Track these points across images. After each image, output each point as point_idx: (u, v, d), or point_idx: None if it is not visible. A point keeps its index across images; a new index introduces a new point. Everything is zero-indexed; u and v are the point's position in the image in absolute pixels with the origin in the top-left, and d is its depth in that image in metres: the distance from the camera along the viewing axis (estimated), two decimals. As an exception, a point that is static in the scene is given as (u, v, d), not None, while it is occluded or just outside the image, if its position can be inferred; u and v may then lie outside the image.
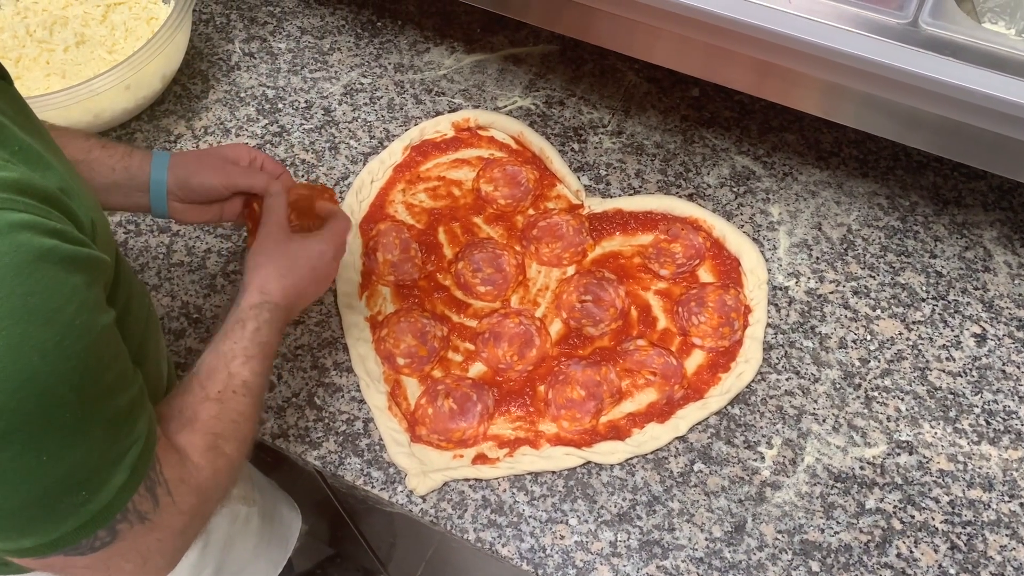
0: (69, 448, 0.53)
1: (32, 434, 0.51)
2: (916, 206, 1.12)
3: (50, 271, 0.50)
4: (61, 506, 0.55)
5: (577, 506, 0.92)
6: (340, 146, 1.19)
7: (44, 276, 0.49)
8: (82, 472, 0.55)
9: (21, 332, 0.48)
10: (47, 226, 0.51)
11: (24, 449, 0.51)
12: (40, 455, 0.52)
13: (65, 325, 0.51)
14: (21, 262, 0.48)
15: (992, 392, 0.97)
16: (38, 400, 0.50)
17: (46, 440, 0.51)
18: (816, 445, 0.95)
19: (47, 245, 0.50)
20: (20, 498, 0.53)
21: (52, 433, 0.51)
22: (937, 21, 0.78)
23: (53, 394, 0.51)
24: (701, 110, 1.21)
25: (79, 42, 1.19)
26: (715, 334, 1.01)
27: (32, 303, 0.49)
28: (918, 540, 0.89)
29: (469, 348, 1.02)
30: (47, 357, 0.50)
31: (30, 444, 0.51)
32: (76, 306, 0.51)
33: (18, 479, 0.52)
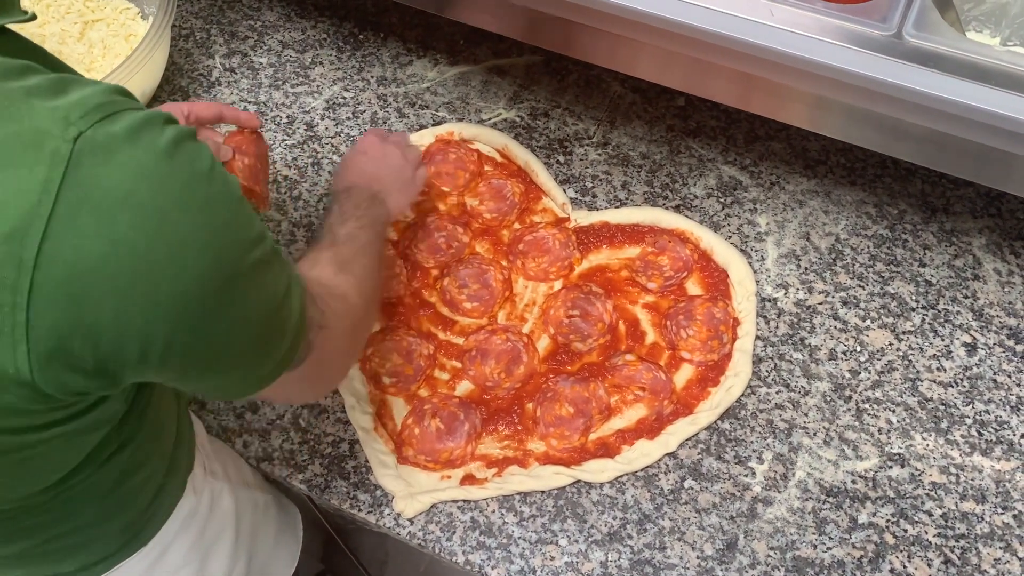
0: (266, 277, 0.60)
1: (243, 274, 0.57)
2: (904, 214, 1.11)
3: (191, 144, 0.55)
4: (277, 327, 0.62)
5: (567, 526, 0.91)
6: (323, 161, 1.18)
7: (190, 147, 0.54)
8: (278, 294, 0.62)
9: (203, 191, 0.54)
10: (166, 114, 0.56)
11: (243, 288, 0.57)
12: (253, 290, 0.58)
13: (222, 180, 0.56)
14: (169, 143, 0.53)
15: (984, 402, 0.97)
16: (236, 245, 0.56)
17: (252, 276, 0.58)
18: (807, 459, 0.94)
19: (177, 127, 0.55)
20: (253, 330, 0.60)
21: (253, 269, 0.58)
22: (921, 33, 0.77)
23: (242, 237, 0.57)
24: (687, 120, 1.20)
25: (56, 60, 1.17)
26: (704, 347, 1.00)
27: (196, 167, 0.54)
28: (911, 555, 0.88)
29: (456, 366, 1.01)
30: (227, 206, 0.56)
31: (245, 283, 0.57)
32: (218, 166, 0.57)
33: (247, 315, 0.58)
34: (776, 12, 0.80)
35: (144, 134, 0.52)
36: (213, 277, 0.55)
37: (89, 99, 0.52)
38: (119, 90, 0.56)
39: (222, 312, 0.57)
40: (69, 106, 0.51)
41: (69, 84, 0.53)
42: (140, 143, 0.52)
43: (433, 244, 1.09)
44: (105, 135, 0.51)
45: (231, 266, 0.56)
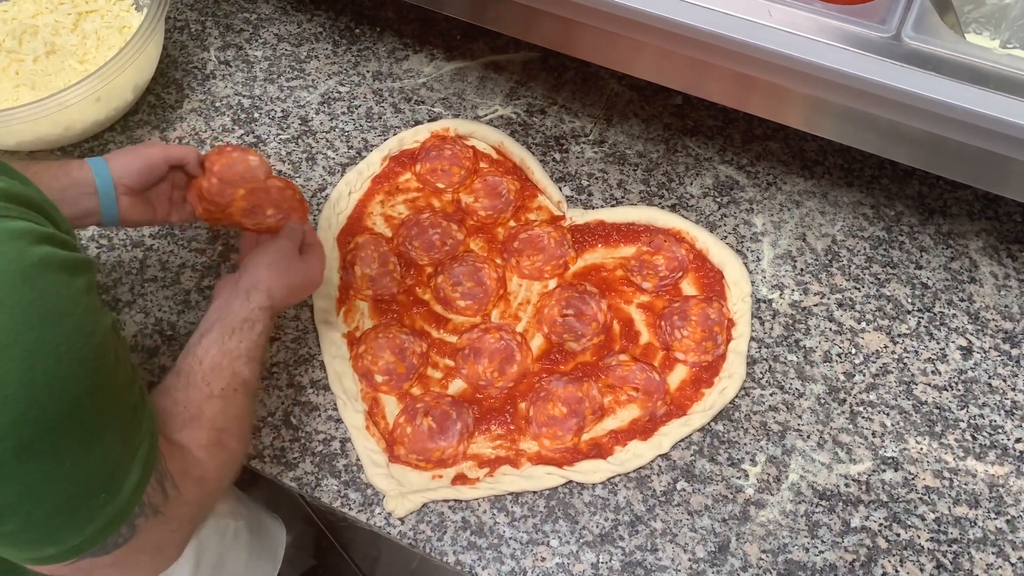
0: (89, 452, 0.54)
1: (55, 441, 0.51)
2: (901, 216, 1.10)
3: (53, 276, 0.50)
4: (85, 509, 0.56)
5: (559, 527, 0.90)
6: (317, 156, 1.17)
7: (49, 281, 0.49)
8: (102, 474, 0.56)
9: (35, 338, 0.49)
10: (43, 232, 0.51)
11: (49, 458, 0.51)
12: (63, 462, 0.52)
13: (75, 328, 0.51)
14: (26, 269, 0.48)
15: (978, 406, 0.96)
16: (58, 406, 0.50)
17: (68, 446, 0.52)
18: (800, 462, 0.93)
19: (46, 251, 0.50)
20: (47, 507, 0.53)
21: (73, 438, 0.52)
22: (920, 35, 0.77)
23: (71, 398, 0.51)
24: (684, 118, 1.19)
25: (49, 52, 1.16)
26: (698, 348, 0.99)
27: (42, 308, 0.49)
28: (904, 559, 0.88)
29: (449, 364, 1.00)
30: (62, 361, 0.50)
31: (54, 451, 0.51)
32: (82, 308, 0.52)
33: (44, 489, 0.52)
34: (774, 12, 0.79)
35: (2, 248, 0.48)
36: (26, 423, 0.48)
37: None
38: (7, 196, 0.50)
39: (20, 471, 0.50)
40: None
41: None
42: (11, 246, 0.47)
43: (427, 241, 1.08)
44: None
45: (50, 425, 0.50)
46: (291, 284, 0.88)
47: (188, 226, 1.11)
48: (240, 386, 0.78)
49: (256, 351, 0.81)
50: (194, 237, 1.10)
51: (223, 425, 0.74)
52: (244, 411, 0.78)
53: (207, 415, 0.73)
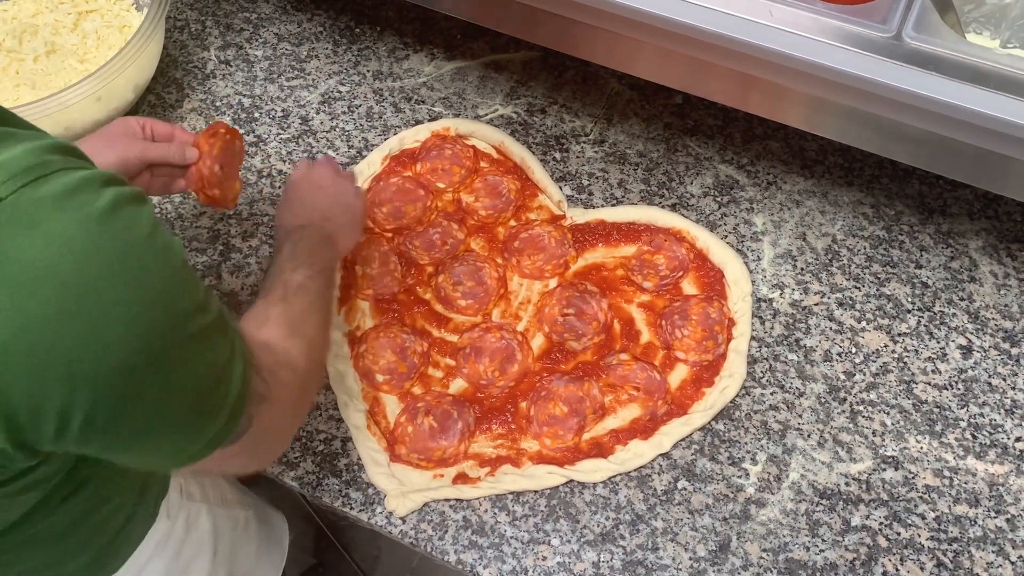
0: (203, 351, 0.58)
1: (177, 347, 0.55)
2: (901, 215, 1.10)
3: (129, 208, 0.53)
4: (211, 404, 0.60)
5: (560, 526, 0.90)
6: (318, 156, 1.17)
7: (128, 213, 0.52)
8: (215, 369, 0.59)
9: (135, 262, 0.52)
10: (104, 174, 0.54)
11: (175, 363, 0.55)
12: (186, 364, 0.56)
13: (164, 245, 0.54)
14: (108, 207, 0.51)
15: (978, 405, 0.97)
16: (171, 317, 0.54)
17: (186, 350, 0.56)
18: (801, 461, 0.94)
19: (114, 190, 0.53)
20: (184, 407, 0.58)
21: (188, 342, 0.56)
22: (921, 35, 0.77)
23: (181, 307, 0.55)
24: (684, 118, 1.19)
25: (49, 51, 1.16)
26: (699, 348, 0.99)
27: (132, 235, 0.52)
28: (904, 558, 0.88)
29: (450, 364, 1.01)
30: (160, 276, 0.53)
31: (178, 357, 0.55)
32: (160, 231, 0.55)
33: (178, 390, 0.56)
34: (775, 12, 0.79)
35: (75, 199, 0.50)
36: (142, 352, 0.52)
37: (17, 161, 0.49)
38: (58, 147, 0.53)
39: (150, 387, 0.54)
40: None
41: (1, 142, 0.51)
42: (69, 210, 0.49)
43: (428, 240, 1.08)
44: (30, 201, 0.48)
45: (163, 339, 0.54)
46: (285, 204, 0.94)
47: (189, 226, 1.11)
48: (296, 289, 0.82)
49: (300, 257, 0.85)
50: (195, 237, 1.10)
51: (291, 320, 0.79)
52: (309, 306, 0.82)
53: (274, 315, 0.78)
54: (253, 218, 1.12)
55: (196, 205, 1.12)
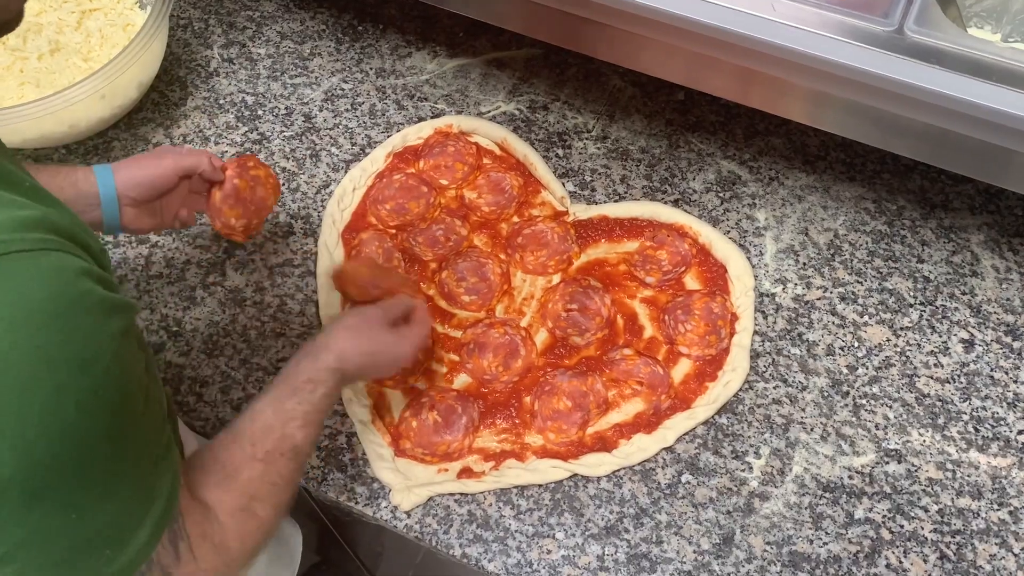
0: (100, 505, 0.51)
1: (65, 491, 0.49)
2: (903, 210, 1.11)
3: (86, 318, 0.48)
4: (88, 563, 0.53)
5: (564, 520, 0.91)
6: (321, 153, 1.17)
7: (81, 323, 0.47)
8: (110, 529, 0.53)
9: (58, 382, 0.46)
10: (82, 267, 0.49)
11: (56, 507, 0.49)
12: (70, 513, 0.50)
13: (102, 374, 0.48)
14: (59, 308, 0.46)
15: (980, 398, 0.97)
16: (73, 454, 0.48)
17: (78, 497, 0.50)
18: (804, 454, 0.94)
19: (82, 289, 0.48)
20: (49, 558, 0.51)
21: (85, 490, 0.50)
22: (922, 28, 0.77)
23: (88, 447, 0.49)
24: (686, 114, 1.20)
25: (53, 50, 1.17)
26: (702, 342, 1.00)
27: (69, 352, 0.47)
28: (907, 550, 0.88)
29: (453, 359, 1.01)
30: (83, 408, 0.48)
31: (62, 501, 0.49)
32: (112, 354, 0.49)
33: (47, 540, 0.50)
34: (778, 7, 0.80)
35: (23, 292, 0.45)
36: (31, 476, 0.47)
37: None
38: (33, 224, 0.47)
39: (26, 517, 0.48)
40: None
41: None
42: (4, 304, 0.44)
43: (431, 237, 1.09)
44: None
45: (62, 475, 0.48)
46: (369, 352, 0.82)
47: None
48: (288, 451, 0.72)
49: (315, 415, 0.75)
50: (199, 234, 1.11)
51: (257, 491, 0.69)
52: (286, 478, 0.72)
53: (242, 478, 0.68)
54: (257, 215, 1.12)
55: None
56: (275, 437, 0.72)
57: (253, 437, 0.71)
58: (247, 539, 0.67)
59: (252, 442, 0.71)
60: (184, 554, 0.60)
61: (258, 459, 0.70)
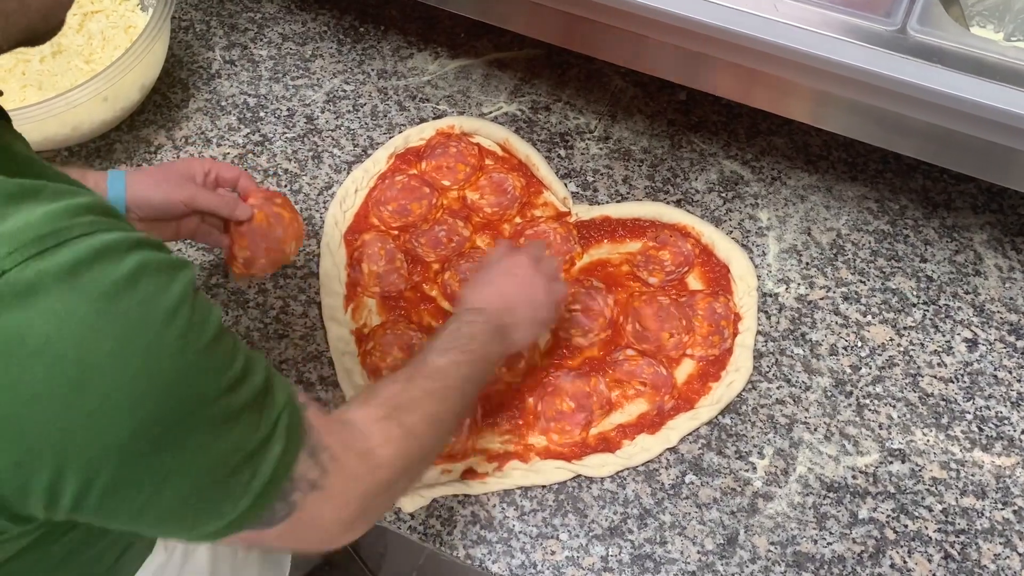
0: (223, 435, 0.53)
1: (187, 434, 0.51)
2: (906, 210, 1.11)
3: (154, 279, 0.50)
4: (230, 487, 0.55)
5: (568, 520, 0.91)
6: (323, 155, 1.17)
7: (151, 284, 0.49)
8: (239, 453, 0.55)
9: (150, 340, 0.48)
10: (136, 238, 0.51)
11: (186, 448, 0.51)
12: (201, 449, 0.52)
13: (185, 323, 0.50)
14: (128, 275, 0.48)
15: (984, 398, 0.97)
16: (182, 401, 0.50)
17: (202, 434, 0.52)
18: (808, 454, 0.94)
19: (142, 256, 0.50)
20: (194, 489, 0.54)
21: (203, 426, 0.52)
22: (925, 28, 0.77)
23: (195, 392, 0.51)
24: (688, 114, 1.20)
25: (55, 52, 1.17)
26: (705, 343, 1.00)
27: (150, 311, 0.49)
28: (912, 550, 0.88)
29: (457, 360, 1.01)
30: (177, 357, 0.50)
31: (190, 442, 0.52)
32: (188, 303, 0.51)
33: (184, 473, 0.52)
34: (780, 7, 0.80)
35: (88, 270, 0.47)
36: (144, 437, 0.49)
37: (30, 228, 0.46)
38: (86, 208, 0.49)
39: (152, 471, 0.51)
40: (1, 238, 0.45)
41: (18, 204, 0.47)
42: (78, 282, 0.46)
43: (434, 238, 1.09)
44: (35, 274, 0.45)
45: (173, 426, 0.50)
46: (478, 282, 0.88)
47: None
48: (429, 371, 0.74)
49: (453, 341, 0.77)
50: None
51: (399, 402, 0.70)
52: (430, 391, 0.73)
53: (383, 394, 0.71)
54: (259, 217, 1.12)
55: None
56: (412, 364, 0.75)
57: (394, 373, 0.74)
58: (394, 444, 0.67)
59: (392, 374, 0.74)
60: (328, 464, 0.61)
61: (399, 380, 0.72)
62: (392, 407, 0.69)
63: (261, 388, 0.56)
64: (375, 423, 0.67)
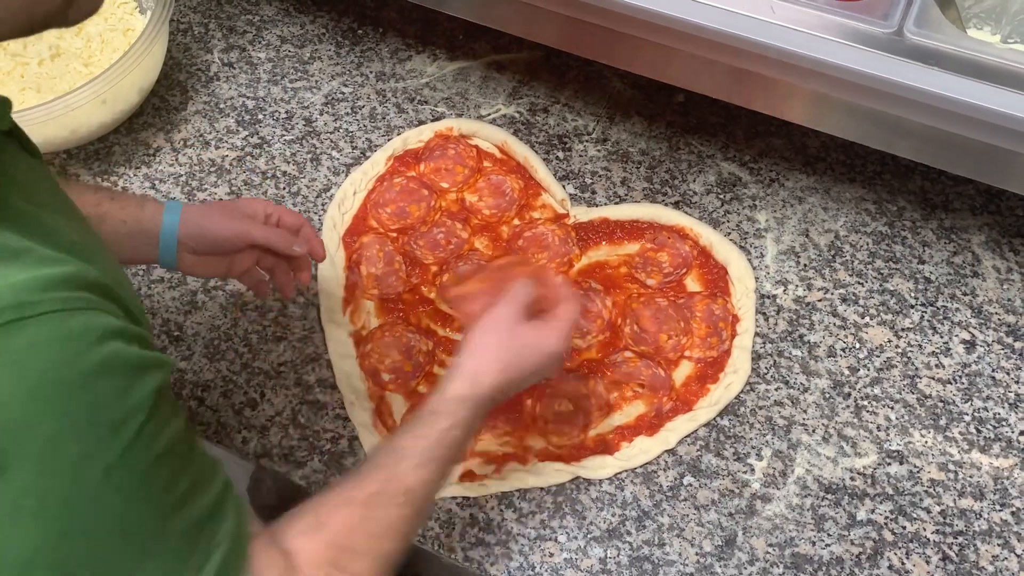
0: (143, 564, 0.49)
1: (101, 560, 0.47)
2: (904, 211, 1.11)
3: (114, 381, 0.46)
4: None
5: (566, 523, 0.91)
6: (321, 157, 1.17)
7: (109, 387, 0.45)
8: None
9: (83, 450, 0.44)
10: (113, 327, 0.47)
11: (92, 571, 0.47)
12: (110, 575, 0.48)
13: (133, 437, 0.46)
14: (85, 373, 0.44)
15: (982, 399, 0.97)
16: (104, 523, 0.46)
17: (118, 561, 0.48)
18: (806, 456, 0.94)
19: (111, 350, 0.46)
20: None
21: (121, 556, 0.48)
22: (922, 30, 0.77)
23: (120, 514, 0.47)
24: (687, 116, 1.20)
25: (54, 55, 1.17)
26: (703, 344, 1.00)
27: (96, 417, 0.45)
28: (910, 551, 0.88)
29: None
30: (113, 475, 0.46)
31: (102, 568, 0.47)
32: (144, 415, 0.47)
33: None
34: (777, 9, 0.80)
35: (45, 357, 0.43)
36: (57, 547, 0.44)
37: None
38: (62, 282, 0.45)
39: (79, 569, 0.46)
40: None
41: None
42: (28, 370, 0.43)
43: (432, 240, 1.09)
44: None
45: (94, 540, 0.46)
46: (509, 361, 0.72)
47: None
48: (397, 495, 0.63)
49: (439, 450, 0.67)
50: (200, 238, 1.11)
51: (350, 542, 0.61)
52: (391, 528, 0.63)
53: (334, 526, 0.61)
54: (258, 219, 1.12)
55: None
56: (382, 478, 0.64)
57: (358, 478, 0.64)
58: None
59: (356, 485, 0.64)
60: None
61: (358, 503, 0.63)
62: (343, 549, 0.61)
63: (204, 514, 0.52)
64: (317, 567, 0.59)
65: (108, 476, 0.45)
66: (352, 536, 0.61)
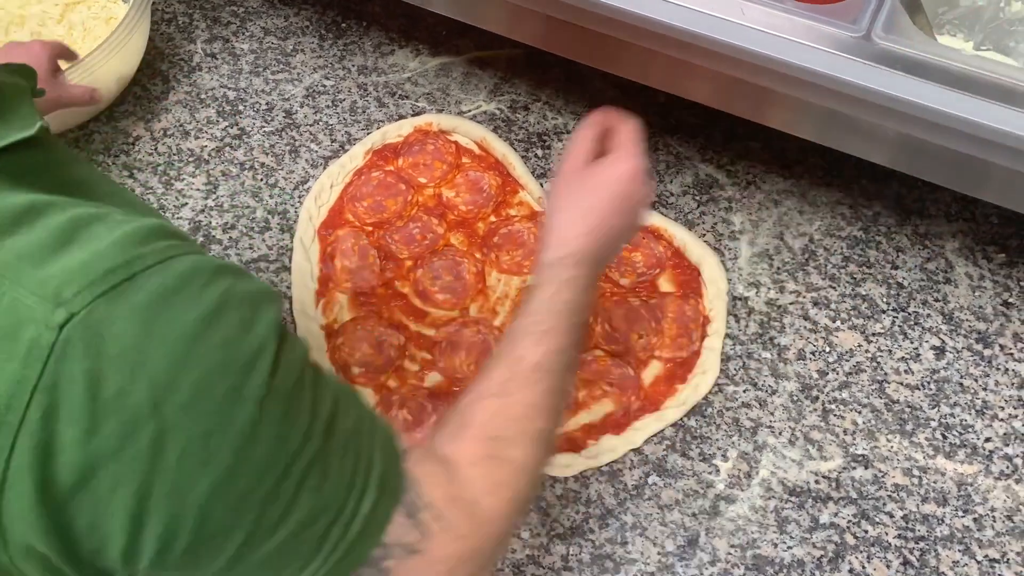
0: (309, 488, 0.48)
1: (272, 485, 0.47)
2: (879, 216, 1.11)
3: (240, 313, 0.45)
4: (311, 546, 0.50)
5: (529, 519, 0.91)
6: (300, 149, 1.17)
7: (236, 318, 0.45)
8: (321, 509, 0.49)
9: (230, 389, 0.44)
10: (215, 264, 0.46)
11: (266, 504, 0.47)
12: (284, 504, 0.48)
13: (270, 366, 0.46)
14: (208, 312, 0.44)
15: (949, 406, 0.97)
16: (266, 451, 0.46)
17: (287, 486, 0.48)
18: (772, 458, 0.94)
19: (224, 286, 0.46)
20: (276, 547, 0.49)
21: (289, 477, 0.48)
22: (890, 35, 0.77)
23: (279, 439, 0.47)
24: (666, 117, 1.20)
25: (35, 42, 1.17)
26: (673, 345, 1.00)
27: (232, 354, 0.45)
28: (871, 555, 0.88)
29: (426, 357, 1.01)
30: (258, 406, 0.45)
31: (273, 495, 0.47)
32: (275, 343, 0.47)
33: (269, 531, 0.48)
34: (747, 11, 0.80)
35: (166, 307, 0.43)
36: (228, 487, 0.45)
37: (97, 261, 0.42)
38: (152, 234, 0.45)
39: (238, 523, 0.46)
40: (66, 274, 0.42)
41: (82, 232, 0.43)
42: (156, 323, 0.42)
43: (408, 235, 1.09)
44: (106, 316, 0.41)
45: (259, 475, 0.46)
46: (586, 206, 0.70)
47: (171, 216, 1.11)
48: (528, 373, 0.61)
49: (552, 319, 0.64)
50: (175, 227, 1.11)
51: (497, 432, 0.59)
52: (535, 405, 0.61)
53: (477, 421, 0.59)
54: (234, 210, 1.12)
55: (177, 196, 1.13)
56: (506, 363, 0.62)
57: (487, 371, 0.63)
58: (500, 491, 0.57)
59: (486, 377, 0.62)
60: (430, 525, 0.53)
61: (492, 394, 0.61)
62: (492, 439, 0.59)
63: (351, 434, 0.51)
64: (476, 465, 0.57)
65: (256, 412, 0.45)
66: (497, 425, 0.60)
